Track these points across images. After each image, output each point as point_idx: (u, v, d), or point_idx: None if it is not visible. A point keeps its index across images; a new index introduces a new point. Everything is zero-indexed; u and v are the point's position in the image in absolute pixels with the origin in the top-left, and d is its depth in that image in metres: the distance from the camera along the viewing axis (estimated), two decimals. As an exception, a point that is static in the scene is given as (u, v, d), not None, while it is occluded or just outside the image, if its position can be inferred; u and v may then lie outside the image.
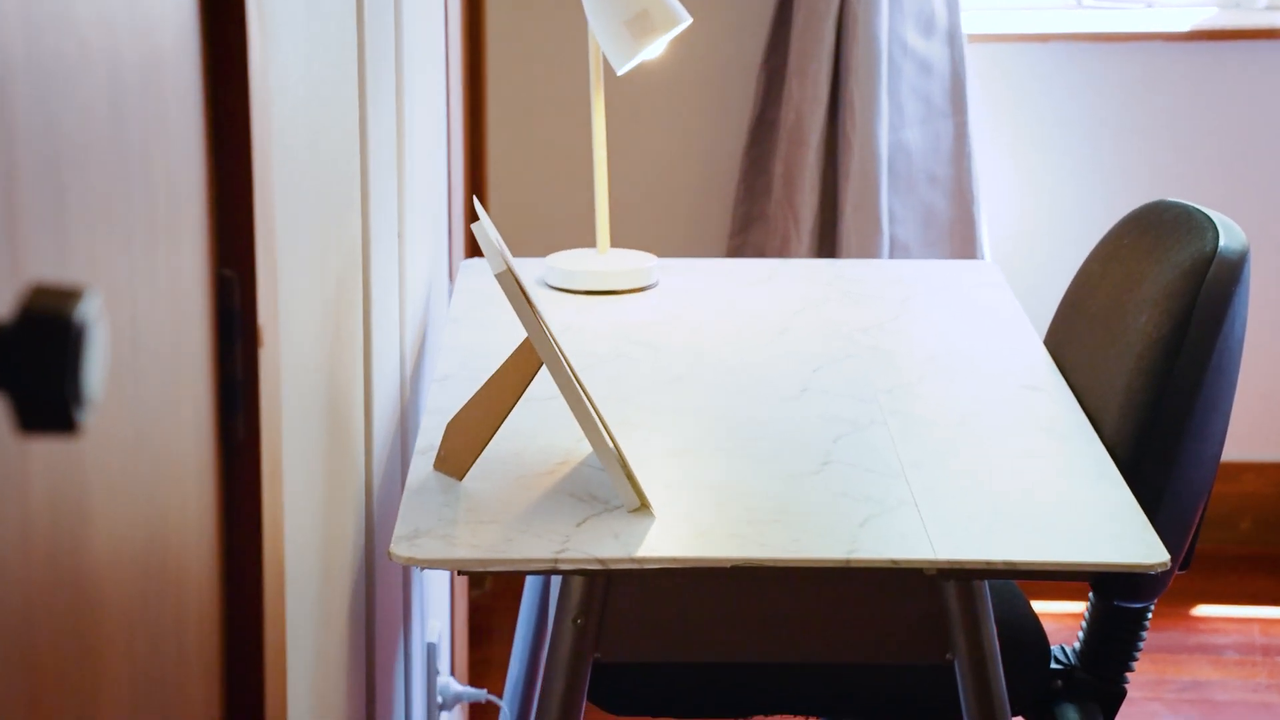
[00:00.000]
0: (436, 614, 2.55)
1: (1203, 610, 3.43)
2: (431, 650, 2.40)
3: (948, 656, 1.72)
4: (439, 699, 2.45)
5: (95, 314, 0.64)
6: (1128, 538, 1.68)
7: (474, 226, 1.77)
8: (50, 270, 0.77)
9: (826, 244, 3.35)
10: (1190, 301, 1.90)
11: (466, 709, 2.91)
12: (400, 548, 1.64)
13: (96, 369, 0.64)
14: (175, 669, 1.04)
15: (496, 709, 2.99)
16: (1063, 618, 3.26)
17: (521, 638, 2.36)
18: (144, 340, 0.95)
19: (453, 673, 2.78)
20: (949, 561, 1.64)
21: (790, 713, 1.96)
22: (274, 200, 1.20)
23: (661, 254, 3.10)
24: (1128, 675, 2.02)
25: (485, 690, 2.55)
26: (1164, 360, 1.90)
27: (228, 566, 1.17)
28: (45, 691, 0.79)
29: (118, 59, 0.90)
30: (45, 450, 0.77)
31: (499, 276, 1.66)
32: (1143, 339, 1.92)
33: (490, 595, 3.41)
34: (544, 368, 1.73)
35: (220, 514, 1.15)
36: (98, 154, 0.86)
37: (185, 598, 1.06)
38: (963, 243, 3.38)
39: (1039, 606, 2.25)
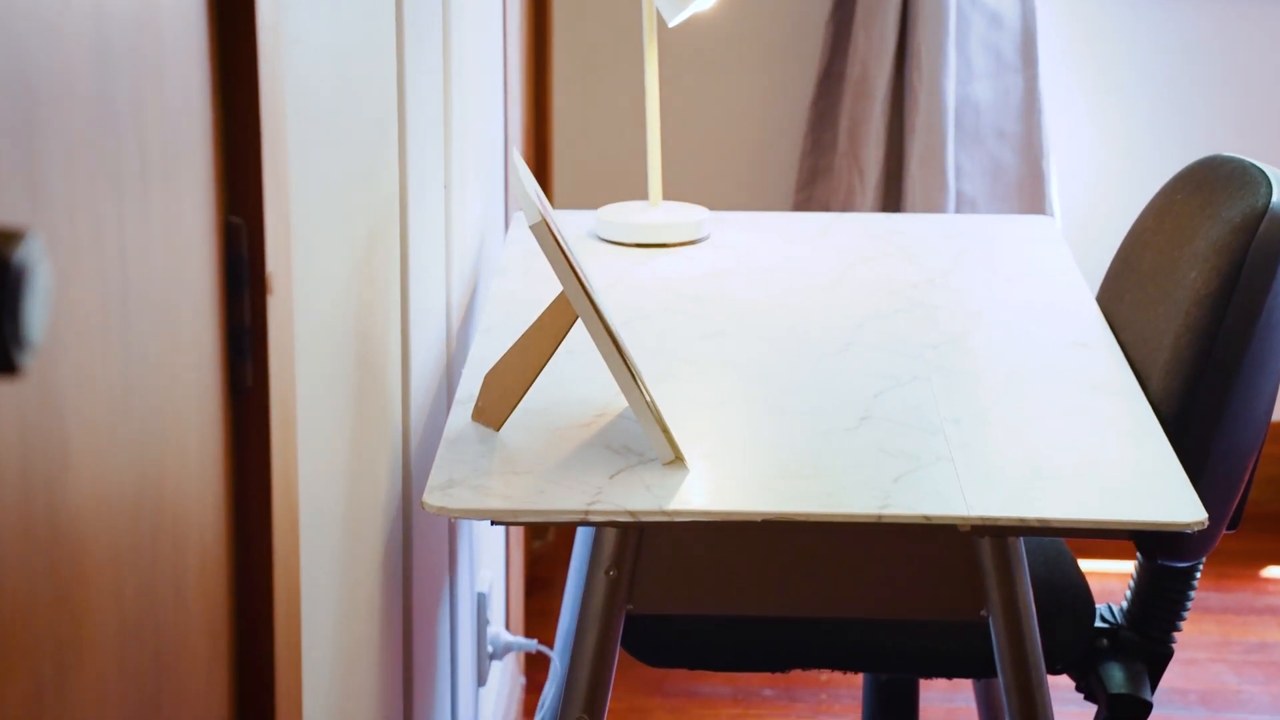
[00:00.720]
0: (489, 564, 2.56)
1: (1272, 571, 3.39)
2: (481, 600, 2.42)
3: (982, 613, 1.71)
4: (489, 648, 2.46)
5: (37, 256, 0.64)
6: (1166, 496, 1.66)
7: (512, 178, 1.77)
8: (20, 214, 0.78)
9: (892, 198, 3.32)
10: (1240, 257, 1.87)
11: (521, 658, 2.92)
12: (433, 497, 1.64)
13: (39, 311, 0.64)
14: (173, 614, 1.05)
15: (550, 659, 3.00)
16: (1113, 577, 3.23)
17: (572, 589, 2.36)
18: (134, 285, 0.95)
19: (508, 623, 2.79)
20: (982, 518, 1.62)
21: (827, 667, 1.95)
22: (286, 148, 1.20)
23: (728, 208, 3.09)
24: (1175, 635, 2.00)
25: (536, 640, 2.56)
26: (1211, 317, 1.87)
27: (237, 512, 1.17)
28: (14, 631, 0.79)
29: (104, 2, 0.90)
30: (15, 392, 0.78)
31: (533, 228, 1.66)
32: (1191, 295, 1.89)
33: (553, 546, 3.42)
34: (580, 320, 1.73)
35: (228, 459, 1.16)
36: (78, 99, 0.86)
37: (185, 542, 1.07)
38: (1031, 198, 3.34)
39: (1090, 565, 2.23)
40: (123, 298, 0.94)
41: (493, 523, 1.67)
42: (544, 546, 3.41)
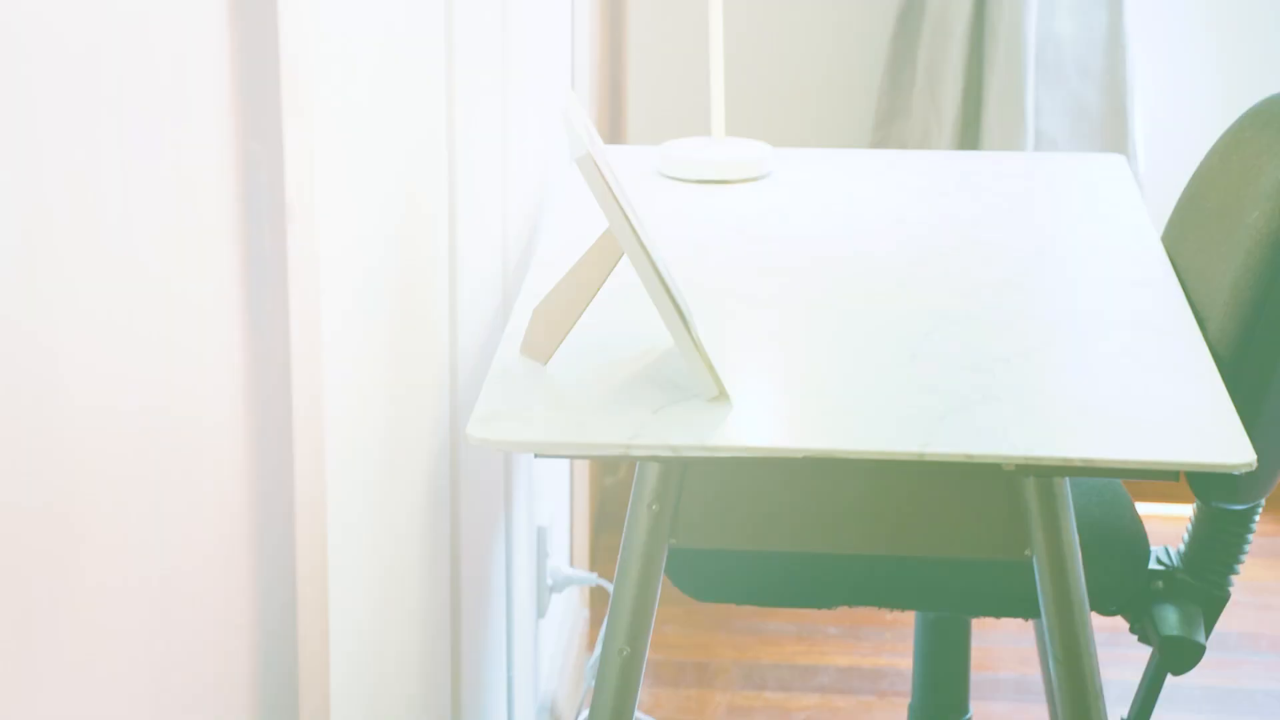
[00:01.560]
0: (552, 498, 2.57)
1: (1353, 520, 3.34)
2: (541, 534, 2.43)
3: (1027, 553, 1.70)
4: (549, 581, 2.47)
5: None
6: (1215, 437, 1.64)
7: (560, 111, 1.77)
8: (7, 136, 0.78)
9: (970, 137, 3.28)
10: (1302, 197, 1.83)
11: (586, 592, 2.93)
12: (476, 429, 1.65)
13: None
14: (184, 537, 1.06)
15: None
16: (1176, 520, 3.18)
17: (631, 524, 2.37)
18: (136, 210, 0.96)
19: (573, 557, 2.80)
20: (1026, 458, 1.61)
21: (873, 605, 1.94)
22: (310, 71, 1.20)
23: (804, 146, 3.07)
24: (1232, 579, 1.98)
25: (596, 574, 2.57)
26: (1271, 258, 1.83)
27: (257, 439, 1.18)
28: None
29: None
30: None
31: (579, 161, 1.65)
32: (1252, 235, 1.86)
33: (624, 482, 3.42)
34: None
35: (248, 386, 1.16)
36: (72, 20, 0.87)
37: (199, 468, 1.08)
38: (1114, 137, 3.29)
39: (1150, 509, 2.20)
40: (122, 220, 0.94)
41: (536, 455, 1.68)
42: (616, 482, 3.42)
